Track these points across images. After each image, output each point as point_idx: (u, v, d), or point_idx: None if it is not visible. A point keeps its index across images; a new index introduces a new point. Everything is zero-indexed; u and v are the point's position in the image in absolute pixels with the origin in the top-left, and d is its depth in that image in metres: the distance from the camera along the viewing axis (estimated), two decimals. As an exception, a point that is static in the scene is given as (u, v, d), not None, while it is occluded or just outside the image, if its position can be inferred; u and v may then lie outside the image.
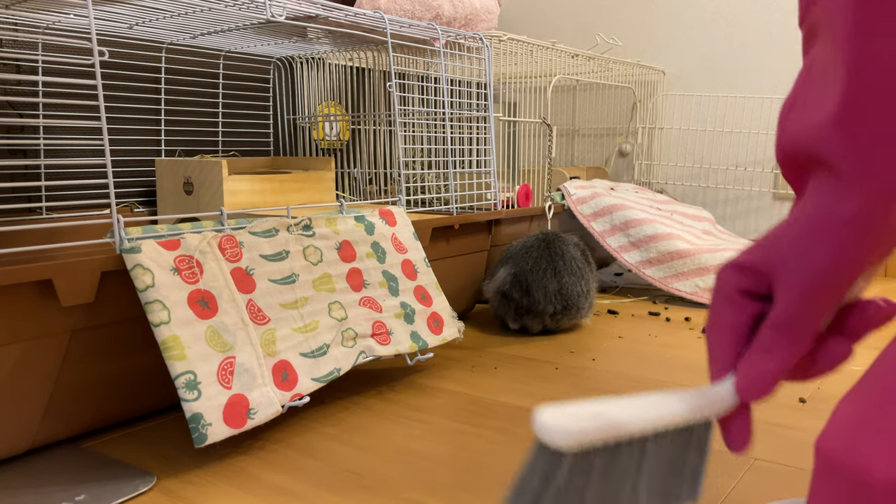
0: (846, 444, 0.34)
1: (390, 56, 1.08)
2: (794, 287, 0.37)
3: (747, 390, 0.38)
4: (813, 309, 0.37)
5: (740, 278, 0.39)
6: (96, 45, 0.70)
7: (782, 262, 0.37)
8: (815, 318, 0.37)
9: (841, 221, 0.36)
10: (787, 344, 0.37)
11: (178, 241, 0.70)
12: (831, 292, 0.37)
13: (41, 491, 0.61)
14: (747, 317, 0.39)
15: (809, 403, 0.82)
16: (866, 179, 0.36)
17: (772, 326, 0.37)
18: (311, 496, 0.60)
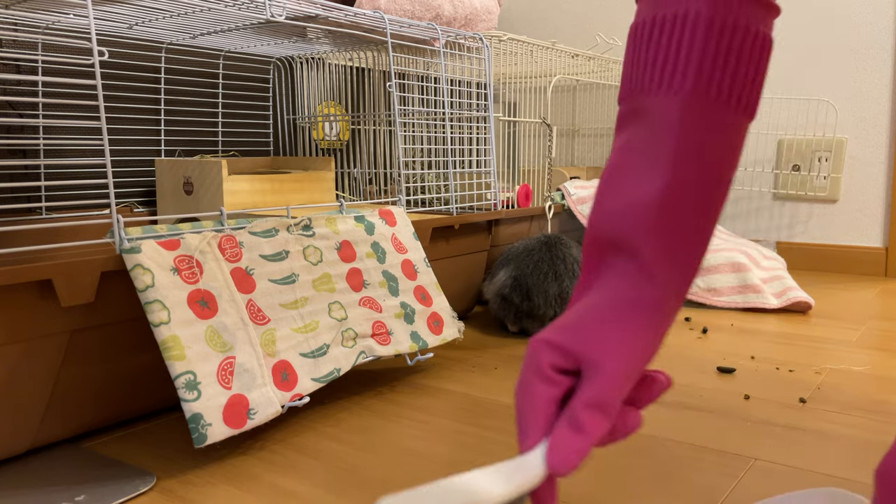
0: None
1: (390, 56, 1.08)
2: (606, 370, 0.39)
3: (560, 465, 0.39)
4: (622, 389, 0.40)
5: (553, 356, 0.41)
6: (96, 45, 0.70)
7: (592, 346, 0.40)
8: (621, 396, 0.40)
9: (645, 308, 0.40)
10: (600, 421, 0.39)
11: (178, 242, 0.70)
12: (636, 373, 0.41)
13: (41, 491, 0.61)
14: (559, 392, 0.41)
15: (809, 403, 0.82)
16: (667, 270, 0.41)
17: (585, 406, 0.39)
18: (311, 496, 0.60)
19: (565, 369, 0.41)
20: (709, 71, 0.40)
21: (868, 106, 1.70)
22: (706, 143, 0.41)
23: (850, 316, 1.26)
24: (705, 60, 0.40)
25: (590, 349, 0.40)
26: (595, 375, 0.40)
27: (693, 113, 0.41)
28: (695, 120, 0.41)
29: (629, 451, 0.69)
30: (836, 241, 1.75)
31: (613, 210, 0.42)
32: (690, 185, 0.41)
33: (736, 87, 0.41)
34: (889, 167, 1.68)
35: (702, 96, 0.41)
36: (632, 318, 0.40)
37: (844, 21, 1.71)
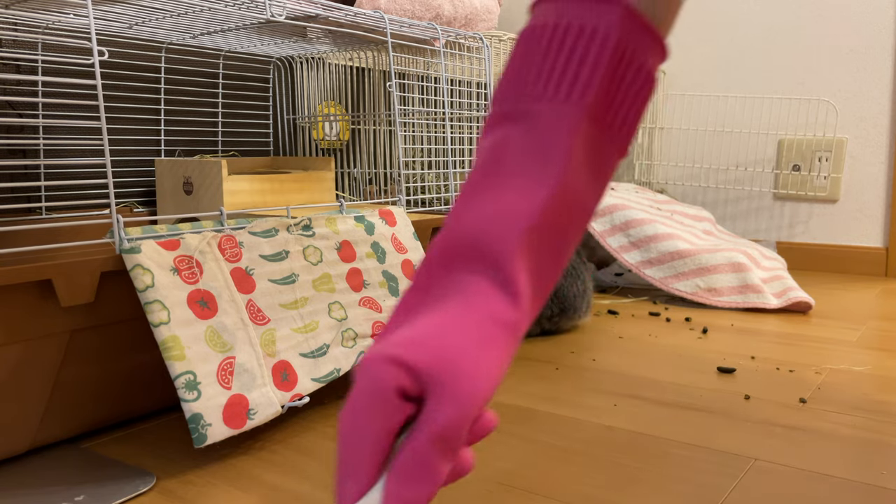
0: None
1: (390, 56, 1.08)
2: (461, 399, 0.33)
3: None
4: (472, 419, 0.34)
5: (402, 377, 0.33)
6: (96, 45, 0.70)
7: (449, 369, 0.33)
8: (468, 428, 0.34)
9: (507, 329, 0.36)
10: (448, 457, 0.33)
11: (178, 242, 0.70)
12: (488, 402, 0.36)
13: (41, 491, 0.61)
14: (398, 421, 0.34)
15: (809, 403, 0.82)
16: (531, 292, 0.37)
17: (433, 440, 0.32)
18: (311, 496, 0.60)
19: (411, 394, 0.34)
20: (609, 92, 0.38)
21: (868, 106, 1.70)
22: (591, 163, 0.39)
23: (850, 316, 1.26)
24: (608, 80, 0.38)
25: (443, 370, 0.33)
26: (445, 399, 0.33)
27: (587, 128, 0.38)
28: (586, 136, 0.38)
29: (629, 451, 0.69)
30: (836, 241, 1.75)
31: (483, 216, 0.38)
32: (569, 203, 0.38)
33: (621, 117, 0.39)
34: (889, 167, 1.68)
35: (597, 116, 0.38)
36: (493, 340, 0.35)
37: (844, 21, 1.70)
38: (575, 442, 0.71)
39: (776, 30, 1.79)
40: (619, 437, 0.72)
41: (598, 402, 0.83)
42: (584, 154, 0.38)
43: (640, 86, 0.39)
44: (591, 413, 0.79)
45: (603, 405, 0.81)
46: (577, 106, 0.38)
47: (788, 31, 1.77)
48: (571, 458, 0.67)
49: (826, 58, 1.73)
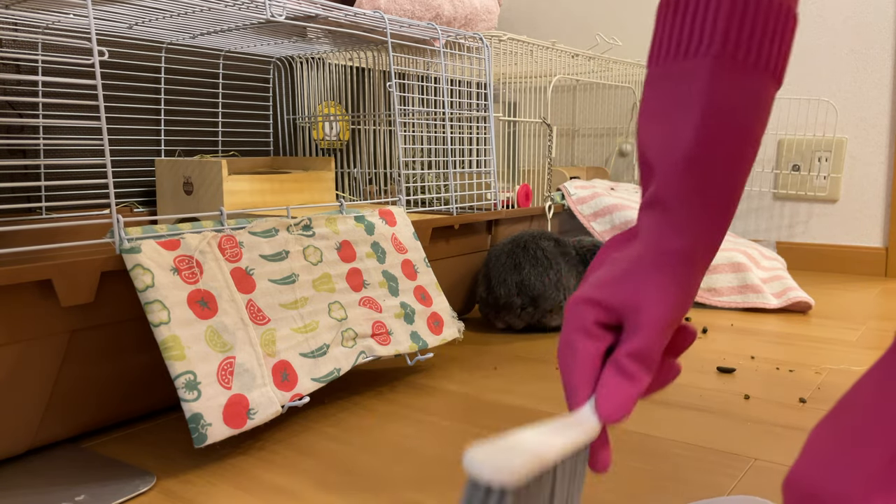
0: (823, 478, 0.34)
1: (390, 56, 1.08)
2: (649, 323, 0.42)
3: (612, 413, 0.41)
4: (663, 338, 0.42)
5: (596, 312, 0.43)
6: (96, 45, 0.70)
7: (634, 299, 0.42)
8: (663, 345, 0.42)
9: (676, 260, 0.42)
10: (646, 370, 0.42)
11: (178, 242, 0.70)
12: (675, 324, 0.43)
13: (41, 491, 0.61)
14: (602, 347, 0.43)
15: (809, 403, 0.82)
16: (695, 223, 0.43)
17: (632, 356, 0.41)
18: (311, 496, 0.60)
19: (607, 324, 0.43)
20: (735, 35, 0.42)
21: (868, 106, 1.70)
22: (734, 102, 0.42)
23: (850, 316, 1.26)
24: (731, 25, 0.42)
25: (630, 302, 0.42)
26: (637, 327, 0.42)
27: (721, 73, 0.42)
28: (723, 80, 0.42)
29: (629, 451, 0.69)
30: (836, 241, 1.75)
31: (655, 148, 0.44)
32: (718, 142, 0.42)
33: (762, 53, 0.42)
34: (889, 167, 1.68)
35: (729, 58, 0.42)
36: (665, 270, 0.42)
37: (844, 21, 1.71)
38: (575, 442, 0.71)
39: (776, 30, 1.79)
40: (620, 437, 0.72)
41: (598, 402, 0.83)
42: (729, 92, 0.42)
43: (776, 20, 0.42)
44: (591, 413, 0.79)
45: (603, 405, 0.81)
46: (706, 57, 0.42)
47: (788, 31, 1.77)
48: (571, 458, 0.67)
49: (826, 58, 1.73)
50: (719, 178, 0.43)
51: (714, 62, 0.42)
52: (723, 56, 0.42)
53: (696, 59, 0.43)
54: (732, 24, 0.42)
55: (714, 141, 0.42)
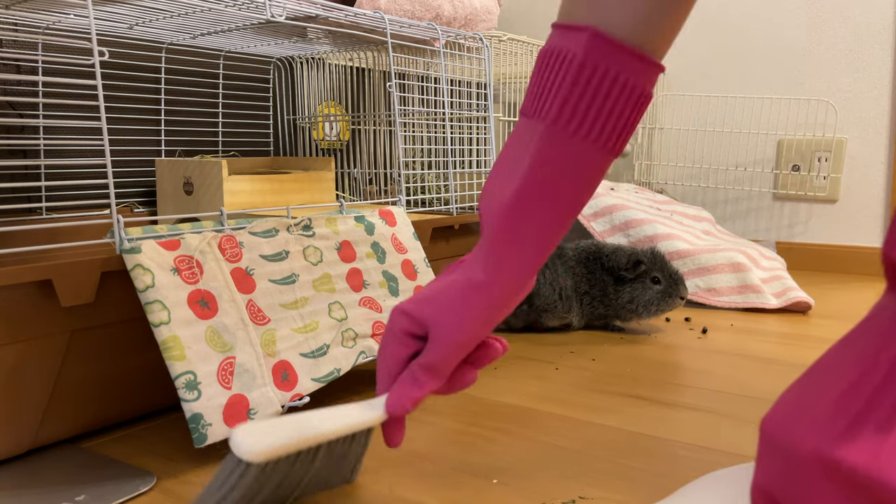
0: (781, 423, 0.39)
1: (390, 56, 1.08)
2: (441, 342, 0.50)
3: (394, 409, 0.51)
4: (452, 357, 0.50)
5: (407, 322, 0.51)
6: (96, 45, 0.70)
7: (436, 318, 0.50)
8: (453, 362, 0.50)
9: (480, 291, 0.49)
10: (431, 380, 0.50)
11: (178, 242, 0.70)
12: (466, 346, 0.51)
13: (41, 491, 0.61)
14: (407, 351, 0.52)
15: (809, 403, 0.82)
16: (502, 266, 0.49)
17: (422, 367, 0.50)
18: (310, 496, 0.60)
19: (416, 334, 0.51)
20: (571, 106, 0.46)
21: (868, 106, 1.70)
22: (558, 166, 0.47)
23: (850, 316, 1.26)
24: (570, 97, 0.46)
25: (431, 320, 0.50)
26: (433, 342, 0.50)
27: (551, 140, 0.47)
28: (552, 145, 0.47)
29: (629, 451, 0.69)
30: (836, 241, 1.75)
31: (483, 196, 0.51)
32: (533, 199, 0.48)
33: (597, 126, 0.47)
34: (889, 167, 1.68)
35: (562, 127, 0.46)
36: (467, 299, 0.49)
37: (844, 21, 1.71)
38: (575, 442, 0.71)
39: (776, 30, 1.79)
40: (620, 437, 0.72)
41: (598, 402, 0.83)
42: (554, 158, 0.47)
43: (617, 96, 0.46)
44: (591, 413, 0.79)
45: (603, 405, 0.81)
46: (544, 122, 0.47)
47: (788, 31, 1.77)
48: (571, 458, 0.67)
49: (825, 58, 1.74)
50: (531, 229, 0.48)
51: (547, 128, 0.47)
52: (556, 124, 0.46)
53: (537, 121, 0.48)
54: (570, 97, 0.46)
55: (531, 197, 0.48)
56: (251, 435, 0.47)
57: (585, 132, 0.46)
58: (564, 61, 0.46)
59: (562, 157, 0.47)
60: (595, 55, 0.45)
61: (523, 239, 0.48)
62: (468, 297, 0.49)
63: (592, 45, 0.45)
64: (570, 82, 0.46)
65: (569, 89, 0.46)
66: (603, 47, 0.45)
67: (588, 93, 0.46)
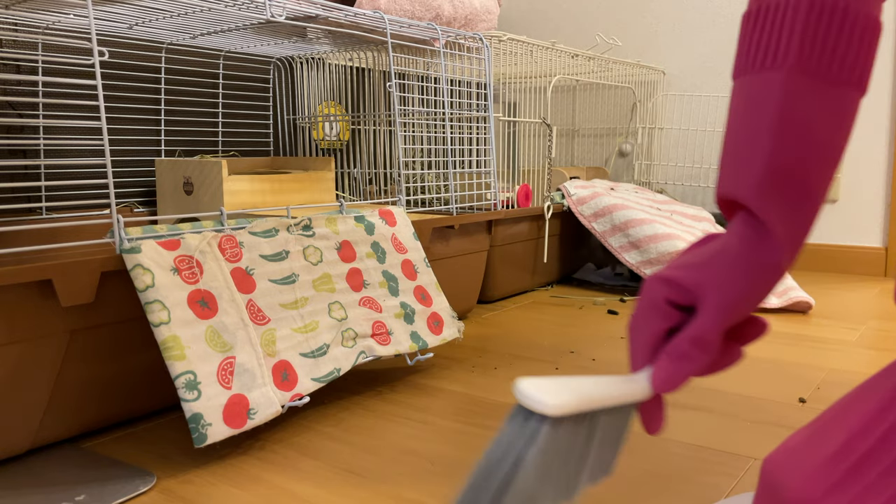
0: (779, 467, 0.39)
1: (390, 56, 1.08)
2: (716, 311, 0.44)
3: (662, 386, 0.45)
4: (725, 328, 0.45)
5: (669, 290, 0.46)
6: (96, 45, 0.70)
7: (708, 287, 0.44)
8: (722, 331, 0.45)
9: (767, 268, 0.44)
10: (702, 354, 0.44)
11: (178, 242, 0.70)
12: (741, 317, 0.45)
13: (41, 491, 0.61)
14: (669, 323, 0.46)
15: (809, 403, 0.82)
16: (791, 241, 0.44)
17: (691, 339, 0.44)
18: (310, 496, 0.60)
19: (677, 303, 0.46)
20: (809, 47, 0.43)
21: (868, 106, 1.70)
22: (810, 113, 0.43)
23: (850, 316, 1.26)
24: (805, 38, 0.43)
25: (704, 289, 0.44)
26: (706, 311, 0.44)
27: (796, 85, 0.43)
28: (798, 92, 0.43)
29: (629, 451, 0.69)
30: (836, 241, 1.75)
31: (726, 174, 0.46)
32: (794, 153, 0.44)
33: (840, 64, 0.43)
34: (889, 167, 1.68)
35: (803, 70, 0.43)
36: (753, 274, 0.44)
37: (844, 21, 1.70)
38: (575, 442, 0.71)
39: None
40: (619, 436, 0.72)
41: (598, 402, 0.83)
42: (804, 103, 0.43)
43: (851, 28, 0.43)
44: (591, 413, 0.79)
45: (603, 405, 0.81)
46: (781, 69, 0.43)
47: (788, 31, 1.77)
48: (571, 458, 0.67)
49: (826, 58, 1.73)
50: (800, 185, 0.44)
51: (788, 75, 0.43)
52: (797, 68, 0.43)
53: (772, 72, 0.44)
54: (807, 36, 0.43)
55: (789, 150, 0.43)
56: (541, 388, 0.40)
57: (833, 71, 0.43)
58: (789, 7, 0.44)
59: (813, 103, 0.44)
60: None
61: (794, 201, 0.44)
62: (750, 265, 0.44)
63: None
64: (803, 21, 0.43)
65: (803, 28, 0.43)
66: None
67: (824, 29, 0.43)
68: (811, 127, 0.44)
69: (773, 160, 0.44)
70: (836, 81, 0.44)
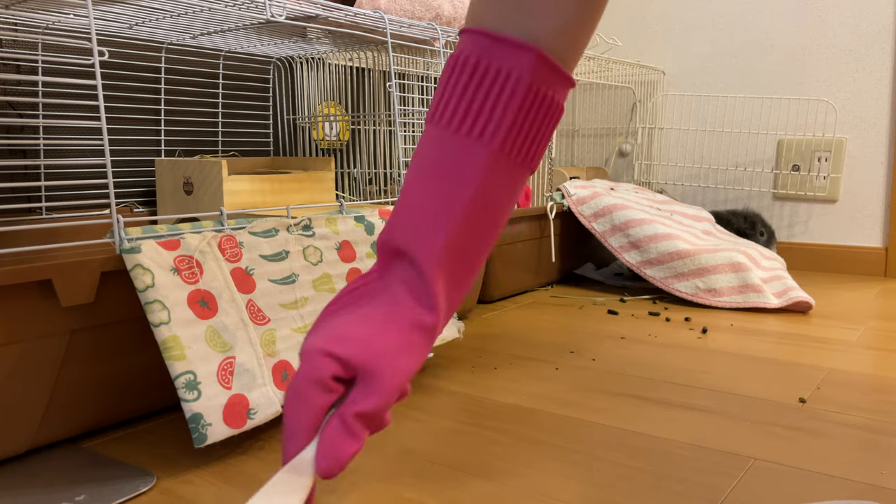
0: None
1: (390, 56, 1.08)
2: (383, 386, 0.42)
3: (331, 469, 0.42)
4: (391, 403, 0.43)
5: (335, 367, 0.43)
6: (96, 45, 0.70)
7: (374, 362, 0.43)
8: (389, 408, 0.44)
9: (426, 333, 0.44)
10: (369, 430, 0.43)
11: (178, 242, 0.70)
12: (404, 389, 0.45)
13: (41, 491, 0.61)
14: (331, 399, 0.43)
15: (809, 403, 0.82)
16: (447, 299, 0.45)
17: (358, 416, 0.42)
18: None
19: (342, 378, 0.43)
20: (516, 132, 0.44)
21: (868, 106, 1.70)
22: (500, 193, 0.45)
23: (850, 316, 1.26)
24: (516, 123, 0.43)
25: (370, 366, 0.43)
26: (371, 390, 0.42)
27: (496, 165, 0.44)
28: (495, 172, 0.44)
29: (629, 451, 0.69)
30: (836, 241, 1.75)
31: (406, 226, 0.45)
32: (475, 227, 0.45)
33: (530, 148, 0.45)
34: (889, 167, 1.68)
35: (504, 154, 0.44)
36: (414, 343, 0.44)
37: (843, 21, 1.71)
38: (575, 442, 0.71)
39: (776, 30, 1.79)
40: (620, 437, 0.72)
41: (598, 402, 0.83)
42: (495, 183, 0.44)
43: (549, 117, 0.45)
44: (591, 413, 0.79)
45: (603, 405, 0.81)
46: (487, 147, 0.43)
47: (788, 31, 1.77)
48: (571, 458, 0.67)
49: (825, 58, 1.73)
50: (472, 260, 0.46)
51: (493, 155, 0.43)
52: (502, 152, 0.44)
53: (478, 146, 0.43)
54: (516, 122, 0.43)
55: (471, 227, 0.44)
56: None
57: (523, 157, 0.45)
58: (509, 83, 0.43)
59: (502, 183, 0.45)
60: (539, 79, 0.43)
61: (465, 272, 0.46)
62: (413, 342, 0.44)
63: (538, 69, 0.43)
64: (515, 109, 0.43)
65: (514, 117, 0.43)
66: (546, 71, 0.43)
67: (530, 118, 0.44)
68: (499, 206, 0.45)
69: (458, 233, 0.44)
70: (525, 162, 0.45)
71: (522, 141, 0.44)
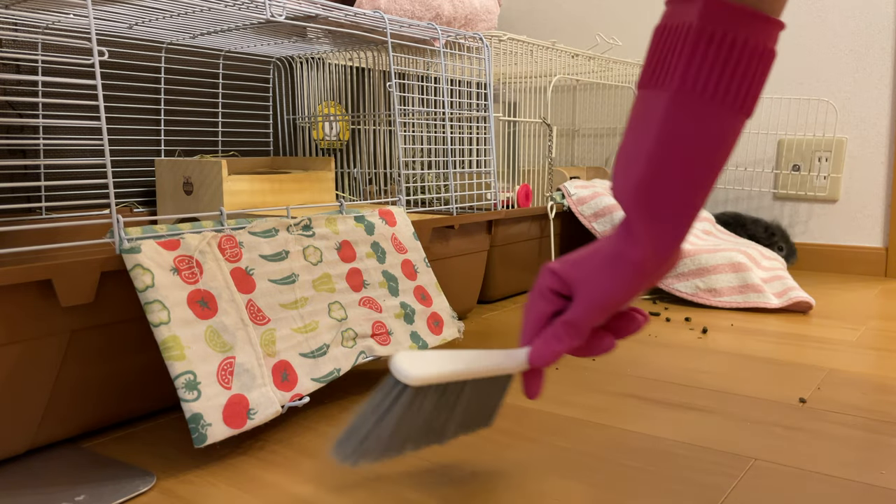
0: None
1: (390, 56, 1.08)
2: (584, 302, 0.52)
3: (536, 360, 0.55)
4: (593, 318, 0.53)
5: (552, 281, 0.54)
6: (96, 45, 0.70)
7: (582, 280, 0.53)
8: (593, 322, 0.53)
9: (626, 263, 0.51)
10: (571, 336, 0.53)
11: (178, 242, 0.70)
12: (608, 309, 0.53)
13: (41, 491, 0.61)
14: (552, 308, 0.55)
15: (809, 403, 0.82)
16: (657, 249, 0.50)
17: (563, 323, 0.53)
18: (310, 496, 0.60)
19: (560, 293, 0.54)
20: (695, 74, 0.46)
21: (868, 106, 1.70)
22: (690, 134, 0.47)
23: (850, 316, 1.26)
24: (692, 64, 0.46)
25: (577, 282, 0.53)
26: (578, 302, 0.53)
27: (678, 106, 0.47)
28: (679, 113, 0.47)
29: (629, 451, 0.69)
30: (836, 241, 1.75)
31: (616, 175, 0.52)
32: (669, 170, 0.48)
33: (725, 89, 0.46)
34: (889, 167, 1.68)
35: (688, 93, 0.47)
36: (614, 268, 0.51)
37: (844, 21, 1.71)
38: (575, 442, 0.71)
39: (776, 30, 1.79)
40: (620, 437, 0.72)
41: (598, 402, 0.83)
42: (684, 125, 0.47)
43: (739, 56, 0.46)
44: (591, 413, 0.79)
45: (603, 405, 0.81)
46: (666, 91, 0.47)
47: (788, 31, 1.77)
48: (571, 458, 0.67)
49: (825, 58, 1.73)
50: (672, 201, 0.48)
51: (672, 96, 0.47)
52: (682, 91, 0.47)
53: (660, 90, 0.48)
54: (693, 62, 0.46)
55: (664, 168, 0.48)
56: (410, 361, 0.52)
57: (718, 95, 0.46)
58: (680, 33, 0.47)
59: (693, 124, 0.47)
60: (712, 22, 0.46)
61: (664, 215, 0.49)
62: (615, 266, 0.51)
63: (708, 12, 0.46)
64: (689, 51, 0.46)
65: (688, 58, 0.46)
66: (719, 12, 0.45)
67: (709, 57, 0.46)
68: (689, 147, 0.47)
69: (647, 174, 0.48)
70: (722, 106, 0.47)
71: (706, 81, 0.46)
